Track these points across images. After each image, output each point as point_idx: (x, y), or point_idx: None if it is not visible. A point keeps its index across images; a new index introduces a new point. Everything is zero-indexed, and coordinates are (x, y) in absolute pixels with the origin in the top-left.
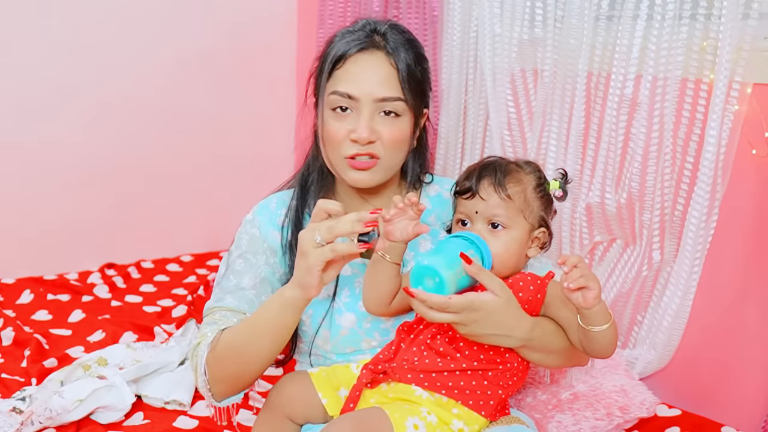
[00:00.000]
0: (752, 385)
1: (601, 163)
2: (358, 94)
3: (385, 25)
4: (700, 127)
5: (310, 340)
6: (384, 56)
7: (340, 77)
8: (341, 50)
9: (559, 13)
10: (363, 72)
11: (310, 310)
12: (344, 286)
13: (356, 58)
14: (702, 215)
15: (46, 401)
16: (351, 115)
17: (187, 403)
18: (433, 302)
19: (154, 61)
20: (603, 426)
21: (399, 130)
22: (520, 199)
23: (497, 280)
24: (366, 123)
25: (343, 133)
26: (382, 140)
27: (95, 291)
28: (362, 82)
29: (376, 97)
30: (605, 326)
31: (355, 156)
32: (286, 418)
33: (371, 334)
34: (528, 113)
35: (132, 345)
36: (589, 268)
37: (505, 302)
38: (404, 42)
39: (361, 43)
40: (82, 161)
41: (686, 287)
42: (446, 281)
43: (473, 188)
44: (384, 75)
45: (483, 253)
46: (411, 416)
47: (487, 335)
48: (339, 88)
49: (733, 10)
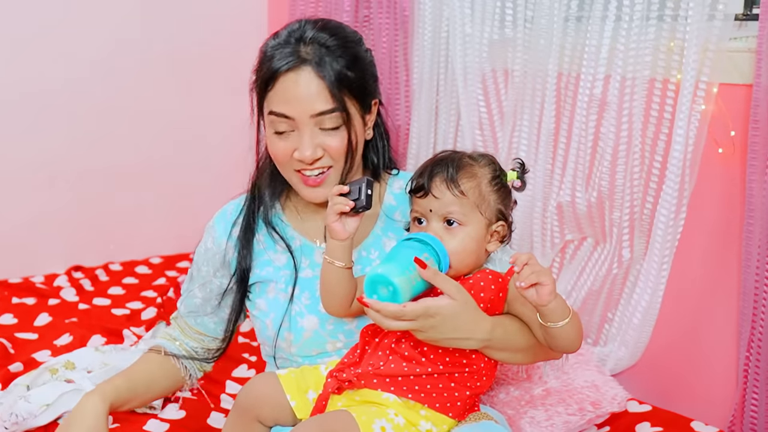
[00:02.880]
0: (721, 380)
1: (572, 163)
2: (293, 114)
3: (313, 30)
4: (668, 127)
5: (272, 344)
6: (311, 71)
7: (273, 98)
8: (270, 69)
9: (529, 13)
10: (293, 91)
11: (272, 313)
12: (305, 290)
13: (285, 78)
14: (670, 213)
15: (12, 406)
16: (293, 134)
17: (157, 407)
18: (388, 311)
19: (120, 59)
20: (575, 421)
21: (343, 139)
22: (474, 194)
23: (453, 283)
24: (308, 143)
25: (288, 153)
26: (329, 152)
27: (62, 294)
28: (294, 101)
29: (312, 113)
30: (564, 321)
31: (303, 170)
32: (255, 420)
33: (335, 336)
34: (499, 113)
35: (101, 348)
36: (541, 264)
37: (461, 305)
38: (334, 48)
39: (287, 62)
40: (46, 162)
41: (655, 285)
42: (400, 289)
43: (426, 186)
44: (314, 90)
45: (439, 254)
46: (378, 418)
47: (446, 339)
48: (274, 108)
49: (699, 11)
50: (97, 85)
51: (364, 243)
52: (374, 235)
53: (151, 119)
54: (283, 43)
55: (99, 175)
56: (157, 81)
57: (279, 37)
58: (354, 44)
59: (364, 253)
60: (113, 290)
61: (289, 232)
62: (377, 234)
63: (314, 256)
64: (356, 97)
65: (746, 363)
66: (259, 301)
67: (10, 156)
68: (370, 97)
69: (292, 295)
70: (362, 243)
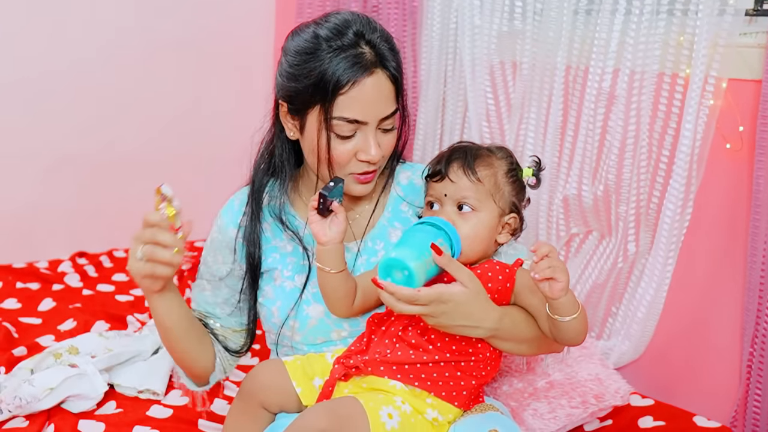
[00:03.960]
0: (724, 375)
1: (579, 156)
2: (368, 118)
3: (373, 34)
4: (676, 121)
5: (278, 331)
6: (381, 74)
7: (344, 104)
8: (342, 75)
9: (539, 6)
10: (370, 96)
11: (278, 300)
12: (311, 278)
13: (362, 84)
14: (677, 208)
15: (16, 389)
16: (356, 136)
17: (160, 393)
18: (402, 295)
19: (126, 47)
20: (578, 414)
21: (394, 139)
22: (490, 182)
23: (467, 271)
24: (374, 143)
25: (351, 155)
26: (385, 152)
27: (66, 280)
28: (370, 106)
29: (382, 116)
30: (573, 317)
31: (363, 173)
32: (260, 407)
33: (340, 325)
34: (506, 105)
35: (104, 334)
36: (561, 259)
37: (473, 294)
38: (390, 49)
39: (361, 65)
40: (52, 147)
41: (660, 279)
42: (415, 273)
43: (443, 171)
44: (385, 93)
45: (451, 239)
46: (385, 405)
47: (455, 326)
48: (346, 114)
49: (710, 6)
50: (104, 71)
51: (370, 233)
52: (380, 226)
53: (156, 106)
54: (348, 46)
55: (105, 162)
56: (163, 68)
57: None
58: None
59: (370, 244)
60: (117, 276)
61: (296, 223)
62: (383, 224)
63: None
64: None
65: (750, 358)
66: (266, 288)
67: (16, 141)
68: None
69: (305, 285)
70: (368, 233)
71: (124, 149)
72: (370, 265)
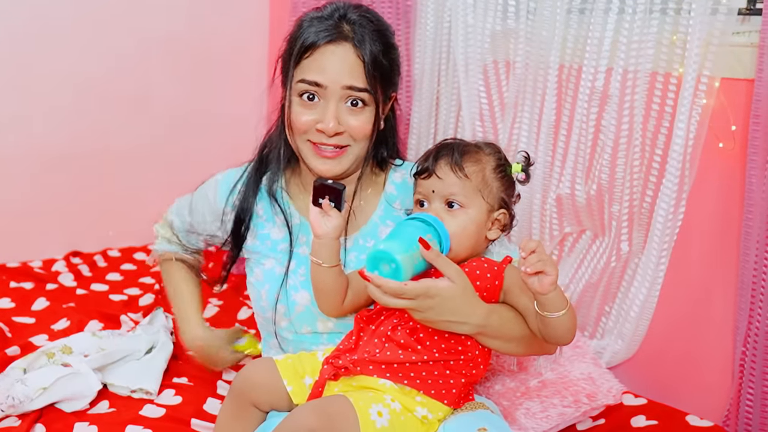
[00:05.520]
0: (716, 374)
1: (572, 155)
2: (326, 81)
3: (356, 13)
4: (669, 120)
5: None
6: (351, 48)
7: (308, 66)
8: (309, 39)
9: (532, 5)
10: (330, 62)
11: (267, 284)
12: (301, 264)
13: (324, 49)
14: (670, 207)
15: (9, 389)
16: (318, 104)
17: (153, 392)
18: (389, 288)
19: (120, 45)
20: (570, 413)
21: (366, 121)
22: (477, 178)
23: (454, 266)
24: (332, 114)
25: (310, 122)
26: (350, 131)
27: (60, 279)
28: (329, 71)
29: (344, 84)
30: (561, 312)
31: (320, 144)
32: (252, 405)
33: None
34: (500, 104)
35: (98, 333)
36: (548, 254)
37: (461, 289)
38: (372, 32)
39: (330, 34)
40: (46, 146)
41: (653, 278)
42: (402, 266)
43: (430, 168)
44: (350, 65)
45: (440, 235)
46: (375, 403)
47: (441, 321)
48: (306, 76)
49: (702, 5)
50: (99, 71)
51: (362, 230)
52: (372, 223)
53: (151, 107)
54: (327, 17)
55: (99, 161)
56: (157, 66)
57: (322, 12)
58: (390, 35)
59: (361, 241)
60: (111, 276)
61: (288, 208)
62: (375, 222)
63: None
64: (382, 85)
65: (742, 357)
66: (256, 269)
67: (9, 140)
68: (391, 88)
69: (287, 271)
70: (359, 230)
71: (118, 149)
72: (360, 263)
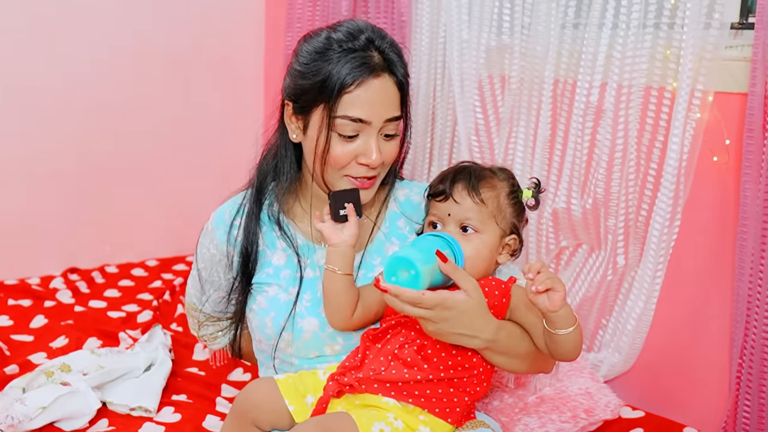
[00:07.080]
0: (713, 386)
1: (567, 169)
2: (371, 118)
3: (383, 41)
4: (663, 134)
5: (273, 343)
6: (388, 77)
7: (350, 102)
8: (349, 75)
9: (527, 20)
10: (376, 96)
11: (272, 311)
12: (306, 290)
13: (367, 85)
14: (665, 220)
15: (8, 408)
16: (358, 138)
17: (153, 410)
18: (407, 297)
19: (117, 56)
20: (568, 428)
21: (396, 146)
22: (493, 204)
23: (472, 280)
24: (376, 147)
25: (351, 157)
26: (385, 159)
27: (58, 296)
28: (375, 106)
29: (386, 118)
30: (571, 329)
31: (358, 177)
32: (253, 425)
33: (334, 339)
34: (495, 119)
35: (96, 351)
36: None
37: (476, 303)
38: (398, 57)
39: (368, 67)
40: (43, 162)
41: (649, 291)
42: (421, 275)
43: (447, 191)
44: (390, 97)
45: (456, 254)
46: (377, 421)
47: (454, 334)
48: (349, 113)
49: (696, 20)
50: (95, 84)
51: (368, 248)
52: (378, 241)
53: (148, 120)
54: (358, 49)
55: (96, 177)
56: (154, 80)
57: (347, 42)
58: (404, 56)
59: (368, 258)
60: (109, 293)
61: (290, 231)
62: (380, 240)
63: (315, 257)
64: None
65: (739, 370)
66: (259, 297)
67: (5, 156)
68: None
69: (297, 297)
70: (365, 248)
71: (116, 164)
72: (368, 280)
